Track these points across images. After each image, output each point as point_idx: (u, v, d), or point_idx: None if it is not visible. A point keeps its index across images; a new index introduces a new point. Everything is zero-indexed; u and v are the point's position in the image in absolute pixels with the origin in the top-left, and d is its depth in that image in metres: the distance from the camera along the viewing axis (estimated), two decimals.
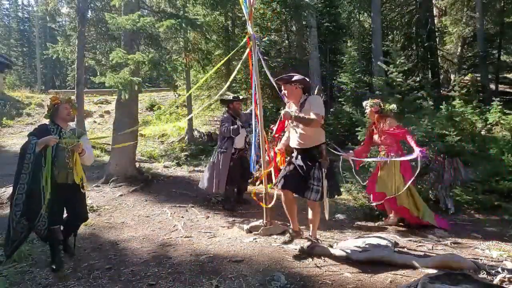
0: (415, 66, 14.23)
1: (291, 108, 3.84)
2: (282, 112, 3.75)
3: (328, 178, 3.68)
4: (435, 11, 16.43)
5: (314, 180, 3.64)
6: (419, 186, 6.35)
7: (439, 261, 3.37)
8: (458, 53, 15.76)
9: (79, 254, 3.87)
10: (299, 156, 3.81)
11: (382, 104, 4.93)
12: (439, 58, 15.82)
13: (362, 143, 5.35)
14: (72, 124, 4.06)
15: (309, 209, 3.88)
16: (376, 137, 4.94)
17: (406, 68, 6.69)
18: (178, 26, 6.62)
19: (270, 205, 4.35)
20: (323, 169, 3.63)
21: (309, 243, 3.75)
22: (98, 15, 11.05)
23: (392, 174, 4.76)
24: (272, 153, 4.58)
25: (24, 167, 3.33)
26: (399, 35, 16.92)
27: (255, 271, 3.37)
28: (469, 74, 12.56)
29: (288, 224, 4.94)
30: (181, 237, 4.49)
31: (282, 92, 3.87)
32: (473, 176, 6.11)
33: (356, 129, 6.56)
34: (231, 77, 5.47)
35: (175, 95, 15.88)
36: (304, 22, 12.62)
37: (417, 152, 4.37)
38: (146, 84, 8.60)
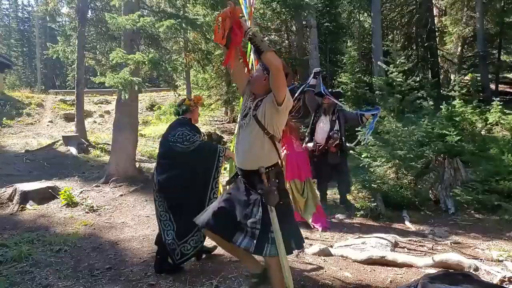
0: (415, 66, 14.22)
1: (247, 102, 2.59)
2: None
3: (282, 221, 2.38)
4: (435, 11, 16.43)
5: (249, 219, 2.42)
6: (419, 186, 6.36)
7: (439, 261, 3.37)
8: (458, 53, 15.76)
9: (79, 254, 3.87)
10: (241, 182, 2.60)
11: None
12: (439, 58, 15.83)
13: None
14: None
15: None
16: None
17: (406, 68, 6.68)
18: (178, 26, 6.62)
19: None
20: (269, 206, 2.36)
21: None
22: (98, 15, 11.07)
23: None
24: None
25: (218, 170, 3.21)
26: (399, 35, 16.93)
27: None
28: (469, 74, 12.57)
29: None
30: None
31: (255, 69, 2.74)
32: (473, 176, 6.11)
33: (356, 129, 6.56)
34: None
35: (175, 95, 15.89)
36: (304, 22, 12.62)
37: None
38: (146, 84, 8.60)
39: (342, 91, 5.85)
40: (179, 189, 3.17)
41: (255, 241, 2.37)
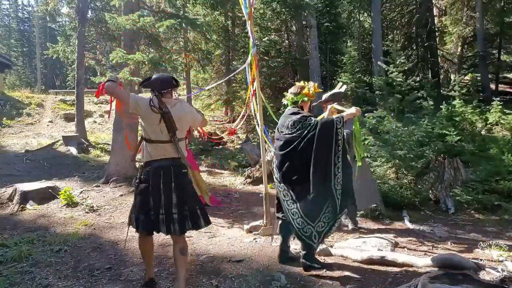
0: (415, 66, 14.23)
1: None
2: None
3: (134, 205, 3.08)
4: (435, 11, 16.43)
5: None
6: (419, 186, 6.36)
7: (439, 261, 3.37)
8: (458, 53, 15.76)
9: (79, 254, 3.87)
10: None
11: None
12: (439, 58, 15.82)
13: None
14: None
15: None
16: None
17: (406, 68, 6.68)
18: (178, 26, 6.62)
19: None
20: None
21: None
22: (98, 15, 11.07)
23: None
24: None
25: (338, 143, 3.20)
26: (399, 35, 16.93)
27: (255, 271, 3.37)
28: (469, 74, 12.57)
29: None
30: None
31: None
32: (473, 176, 6.11)
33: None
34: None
35: (175, 95, 15.87)
36: (304, 22, 12.63)
37: None
38: None
39: (341, 91, 4.84)
40: (302, 176, 3.20)
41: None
